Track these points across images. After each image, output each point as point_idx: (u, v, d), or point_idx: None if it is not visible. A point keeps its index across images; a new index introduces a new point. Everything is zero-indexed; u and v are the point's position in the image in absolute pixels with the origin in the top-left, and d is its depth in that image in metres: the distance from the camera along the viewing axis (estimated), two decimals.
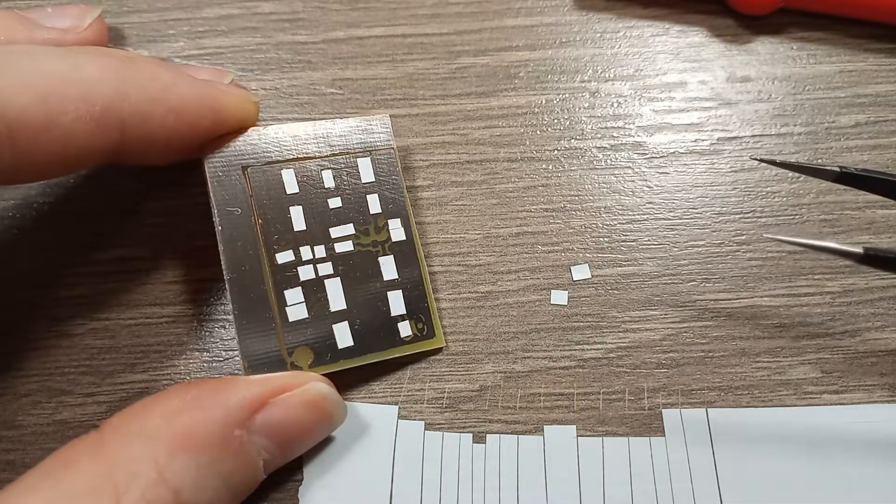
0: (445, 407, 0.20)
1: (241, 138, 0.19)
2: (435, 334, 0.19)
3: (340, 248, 0.19)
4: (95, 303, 0.20)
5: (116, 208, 0.22)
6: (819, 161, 0.23)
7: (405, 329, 0.19)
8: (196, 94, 0.18)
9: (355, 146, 0.20)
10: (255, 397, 0.16)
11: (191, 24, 0.24)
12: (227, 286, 0.18)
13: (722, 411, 0.19)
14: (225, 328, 0.20)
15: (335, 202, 0.19)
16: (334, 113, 0.23)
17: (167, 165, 0.21)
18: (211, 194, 0.18)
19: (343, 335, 0.19)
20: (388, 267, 0.19)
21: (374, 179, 0.20)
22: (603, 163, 0.23)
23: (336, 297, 0.19)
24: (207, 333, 0.20)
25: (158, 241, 0.21)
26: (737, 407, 0.19)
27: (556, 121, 0.23)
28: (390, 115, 0.21)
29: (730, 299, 0.21)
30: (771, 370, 0.20)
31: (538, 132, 0.23)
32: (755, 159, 0.20)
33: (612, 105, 0.24)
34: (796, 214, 0.22)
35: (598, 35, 0.25)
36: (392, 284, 0.19)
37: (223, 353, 0.20)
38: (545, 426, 0.19)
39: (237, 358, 0.20)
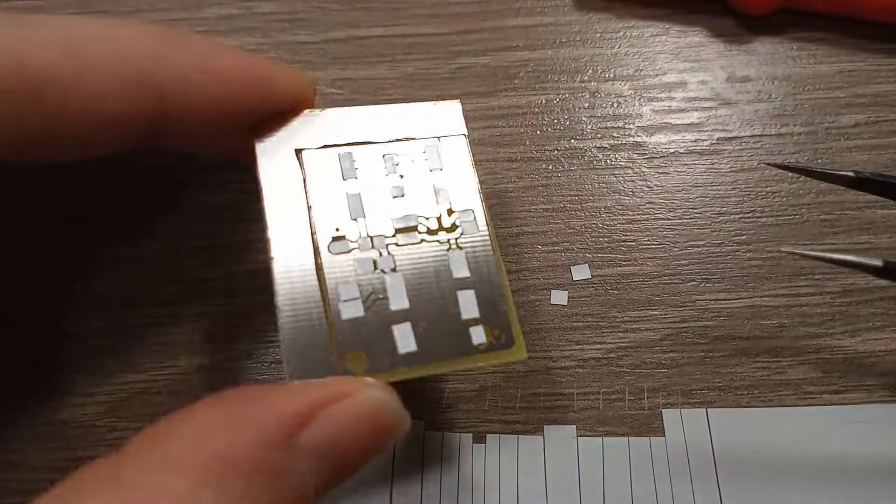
0: (445, 407, 0.20)
1: (295, 120, 0.18)
2: (515, 343, 0.16)
3: (404, 240, 0.17)
4: (95, 303, 0.20)
5: (117, 208, 0.22)
6: (819, 161, 0.23)
7: (478, 335, 0.16)
8: (243, 64, 0.17)
9: (422, 132, 0.18)
10: (298, 412, 0.14)
11: (191, 24, 0.24)
12: (273, 275, 0.16)
13: (722, 411, 0.19)
14: (227, 328, 0.20)
15: (398, 191, 0.17)
16: None
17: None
18: (260, 177, 0.17)
19: (405, 338, 0.16)
20: (459, 263, 0.17)
21: (441, 168, 0.18)
22: (603, 163, 0.23)
23: (397, 294, 0.16)
24: (208, 334, 0.20)
25: (160, 241, 0.21)
26: (737, 407, 0.19)
27: (556, 121, 0.23)
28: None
29: (730, 299, 0.21)
30: (771, 370, 0.20)
31: (538, 132, 0.23)
32: (768, 164, 0.20)
33: (612, 105, 0.24)
34: (796, 214, 0.22)
35: (598, 35, 0.25)
36: (463, 283, 0.17)
37: (226, 353, 0.20)
38: (545, 426, 0.19)
39: (241, 359, 0.20)
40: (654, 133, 0.23)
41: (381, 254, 0.17)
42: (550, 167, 0.23)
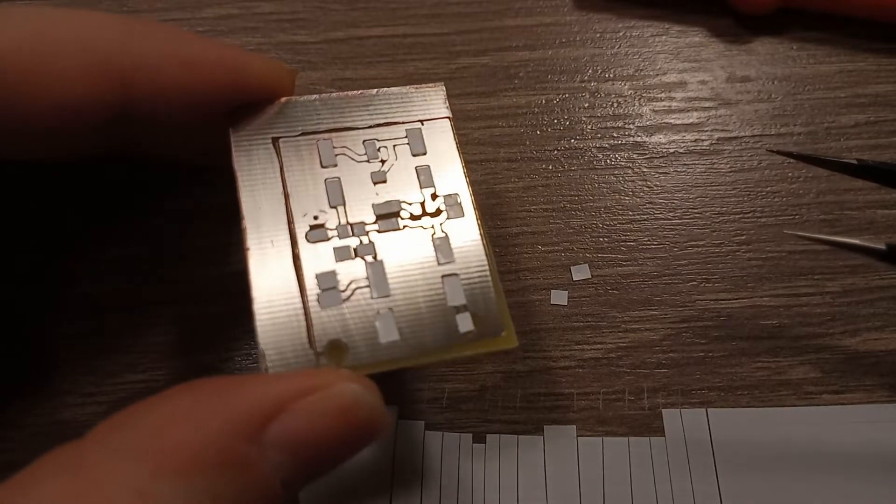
0: (445, 407, 0.20)
1: (272, 108, 0.17)
2: (504, 331, 0.16)
3: (385, 226, 0.16)
4: (95, 303, 0.20)
5: (116, 208, 0.22)
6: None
7: (465, 323, 0.16)
8: (214, 51, 0.16)
9: (404, 116, 0.18)
10: (269, 403, 0.13)
11: (191, 24, 0.24)
12: (248, 266, 0.15)
13: (722, 411, 0.19)
14: (226, 328, 0.20)
15: (380, 176, 0.17)
16: None
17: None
18: (235, 166, 0.16)
19: (387, 327, 0.15)
20: (444, 249, 0.16)
21: (426, 152, 0.17)
22: (603, 163, 0.23)
23: (379, 282, 0.16)
24: (209, 333, 0.20)
25: (158, 241, 0.21)
26: (737, 407, 0.19)
27: (556, 121, 0.23)
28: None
29: (730, 299, 0.21)
30: (771, 370, 0.20)
31: (538, 132, 0.23)
32: (771, 151, 0.20)
33: (612, 105, 0.24)
34: (796, 214, 0.22)
35: (598, 35, 0.25)
36: (449, 270, 0.16)
37: (224, 353, 0.20)
38: (545, 426, 0.19)
39: (240, 358, 0.20)
40: (654, 133, 0.23)
41: (361, 241, 0.16)
42: (550, 167, 0.23)
